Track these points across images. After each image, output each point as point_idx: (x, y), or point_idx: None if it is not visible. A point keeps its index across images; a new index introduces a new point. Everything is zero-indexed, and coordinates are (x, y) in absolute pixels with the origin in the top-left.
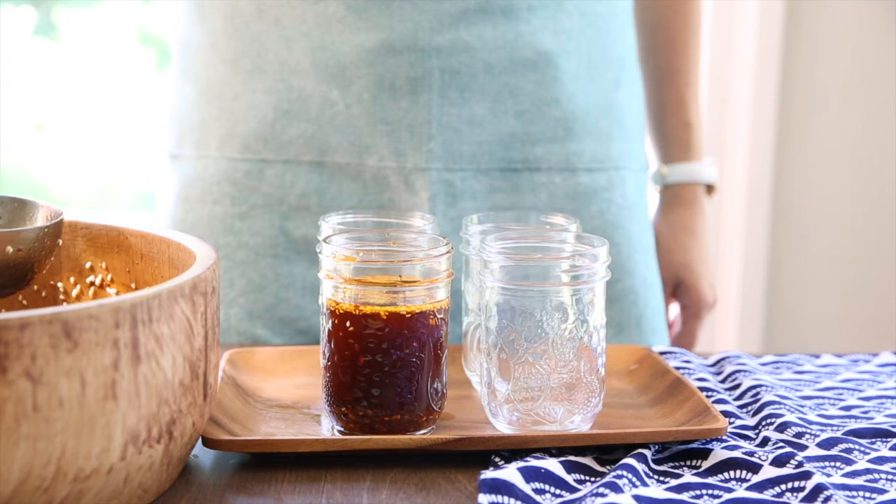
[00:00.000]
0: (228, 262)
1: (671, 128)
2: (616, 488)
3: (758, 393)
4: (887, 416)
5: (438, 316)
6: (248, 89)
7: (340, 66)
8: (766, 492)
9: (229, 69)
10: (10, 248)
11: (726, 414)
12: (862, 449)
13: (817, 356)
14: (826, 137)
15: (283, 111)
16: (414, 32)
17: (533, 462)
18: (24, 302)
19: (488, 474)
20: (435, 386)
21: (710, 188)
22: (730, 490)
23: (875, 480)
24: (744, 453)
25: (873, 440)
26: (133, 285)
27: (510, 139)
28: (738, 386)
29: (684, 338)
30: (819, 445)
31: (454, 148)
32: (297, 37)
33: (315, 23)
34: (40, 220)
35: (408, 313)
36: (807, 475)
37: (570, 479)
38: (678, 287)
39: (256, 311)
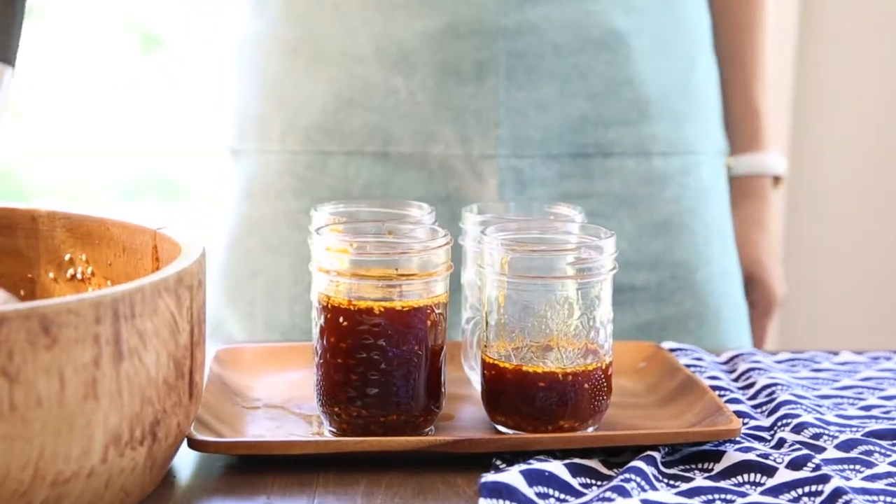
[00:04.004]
0: (294, 258)
1: (737, 116)
2: (624, 492)
3: (773, 392)
4: None
5: (436, 311)
6: (309, 79)
7: (403, 53)
8: (781, 496)
9: (289, 59)
10: None
11: (740, 414)
12: (883, 451)
13: (836, 353)
14: (843, 127)
15: (344, 101)
16: (478, 15)
17: (536, 465)
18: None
19: (489, 478)
20: (433, 385)
21: (777, 180)
22: (743, 494)
23: None
24: (758, 456)
25: (895, 442)
26: (115, 279)
27: (581, 123)
28: (752, 385)
29: (754, 336)
30: (838, 447)
31: (522, 133)
32: (359, 24)
33: (376, 8)
34: None
35: (404, 308)
36: (825, 479)
37: (575, 482)
38: (748, 284)
39: None
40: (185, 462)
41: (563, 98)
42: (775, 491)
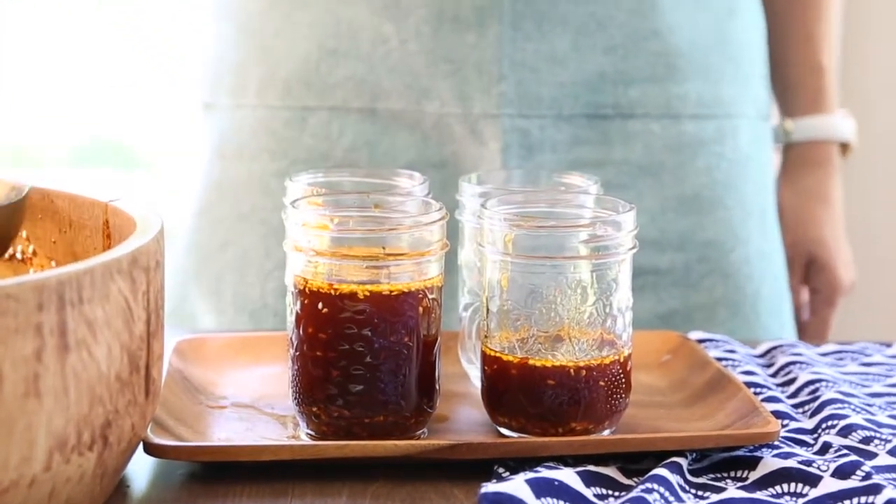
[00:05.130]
0: (266, 228)
1: (797, 73)
2: None
3: (817, 389)
4: None
5: (430, 296)
6: (290, 23)
7: None
8: None
9: (269, 0)
10: None
11: (778, 415)
12: None
13: (889, 345)
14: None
15: (328, 49)
16: None
17: (544, 473)
18: None
19: (490, 488)
20: (426, 381)
21: (844, 147)
22: None
23: None
24: (800, 462)
25: None
26: (60, 259)
27: (598, 80)
28: (792, 381)
29: (815, 328)
30: (890, 453)
31: (530, 90)
32: None
33: None
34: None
35: (392, 293)
36: (876, 489)
37: (588, 493)
38: (809, 267)
39: None
40: (141, 470)
41: (577, 51)
42: (819, 503)
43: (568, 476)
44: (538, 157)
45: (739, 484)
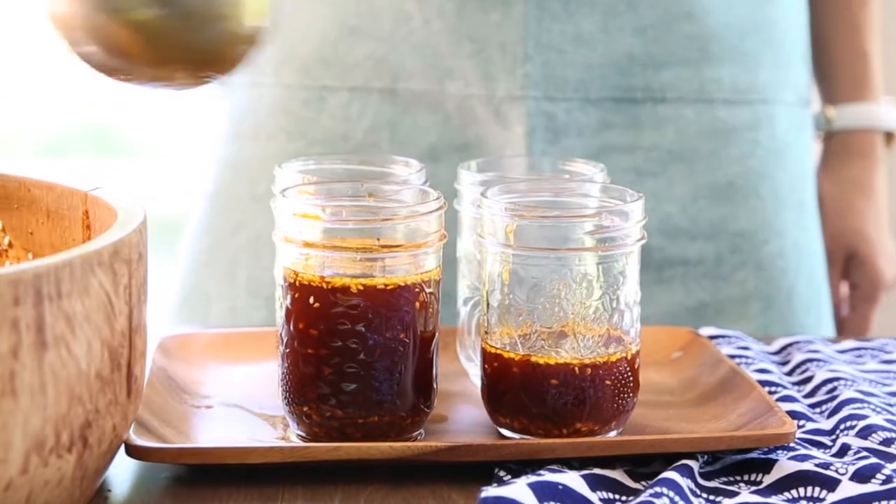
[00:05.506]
0: None
1: (840, 58)
2: None
3: (835, 388)
4: None
5: (427, 290)
6: (309, 1)
7: None
8: None
9: None
10: None
11: (794, 415)
12: None
13: None
14: None
15: (348, 28)
16: None
17: (548, 476)
18: None
19: (491, 492)
20: (423, 379)
21: (889, 137)
22: None
23: None
24: (817, 465)
25: None
26: (37, 251)
27: (628, 62)
28: (809, 379)
29: (854, 325)
30: None
31: (556, 72)
32: None
33: None
34: None
35: (388, 286)
36: None
37: (594, 497)
38: (849, 261)
39: None
40: (123, 473)
41: (606, 32)
42: None
43: (572, 480)
44: (564, 142)
45: (753, 488)
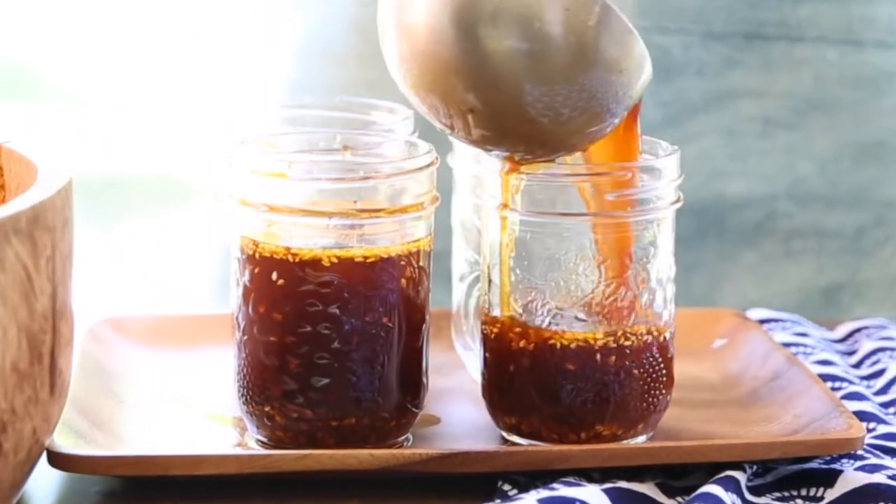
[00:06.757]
0: None
1: None
2: None
3: None
4: None
5: (416, 264)
6: None
7: None
8: None
9: None
10: None
11: (862, 416)
12: None
13: None
14: None
15: None
16: None
17: (562, 491)
18: None
19: None
20: (410, 373)
21: None
22: None
23: None
24: (890, 477)
25: None
26: None
27: None
28: (880, 373)
29: None
30: None
31: (671, 0)
32: None
33: None
34: None
35: (367, 259)
36: None
37: None
38: None
39: None
40: (45, 486)
41: None
42: None
43: (592, 495)
44: (679, 82)
45: None
